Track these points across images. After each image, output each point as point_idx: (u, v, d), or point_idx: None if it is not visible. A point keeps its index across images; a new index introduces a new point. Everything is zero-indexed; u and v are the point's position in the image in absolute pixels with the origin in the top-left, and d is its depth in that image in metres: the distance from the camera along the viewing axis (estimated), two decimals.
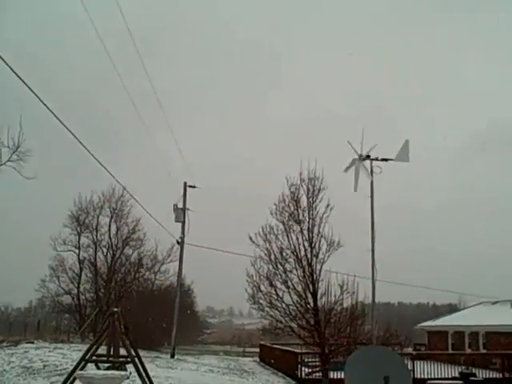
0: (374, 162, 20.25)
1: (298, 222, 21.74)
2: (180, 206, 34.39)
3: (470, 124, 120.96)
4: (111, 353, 15.37)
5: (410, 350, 32.19)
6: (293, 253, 21.69)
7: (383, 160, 19.37)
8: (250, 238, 22.10)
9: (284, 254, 21.72)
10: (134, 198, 34.03)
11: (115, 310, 15.52)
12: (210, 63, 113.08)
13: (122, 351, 15.61)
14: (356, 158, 19.54)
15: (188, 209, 34.45)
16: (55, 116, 14.34)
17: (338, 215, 21.37)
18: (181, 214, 33.96)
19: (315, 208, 21.69)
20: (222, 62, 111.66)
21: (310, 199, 21.74)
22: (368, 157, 19.40)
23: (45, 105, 13.68)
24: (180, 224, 34.30)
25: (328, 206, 21.55)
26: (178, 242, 34.63)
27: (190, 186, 34.87)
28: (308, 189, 21.74)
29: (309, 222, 21.65)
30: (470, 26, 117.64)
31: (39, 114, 14.91)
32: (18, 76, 12.42)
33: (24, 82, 12.64)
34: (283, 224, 21.88)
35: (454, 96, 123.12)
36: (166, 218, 33.96)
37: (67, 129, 15.07)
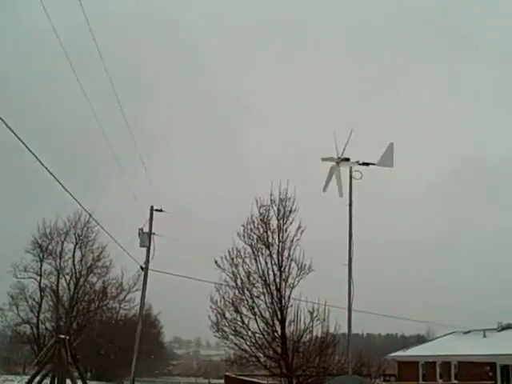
0: (354, 167, 17.12)
1: (267, 245, 20.79)
2: (146, 230, 33.04)
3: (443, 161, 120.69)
4: None
5: (379, 381, 31.16)
6: (261, 277, 20.69)
7: (364, 164, 16.75)
8: (216, 262, 21.06)
9: (251, 278, 20.72)
10: (99, 223, 32.54)
11: (61, 337, 14.25)
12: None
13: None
14: (334, 164, 16.71)
15: (154, 233, 33.09)
16: (20, 140, 12.99)
17: (310, 239, 20.44)
18: (146, 238, 32.46)
19: (286, 230, 20.81)
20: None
21: (281, 221, 20.85)
22: (347, 160, 16.70)
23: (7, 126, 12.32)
24: (145, 250, 32.92)
25: (299, 228, 20.67)
26: (141, 268, 33.09)
27: (157, 210, 33.47)
28: (279, 210, 20.86)
29: (278, 245, 20.73)
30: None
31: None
32: None
33: None
34: (251, 247, 20.91)
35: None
36: (130, 243, 32.55)
37: (31, 152, 13.80)
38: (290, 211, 20.86)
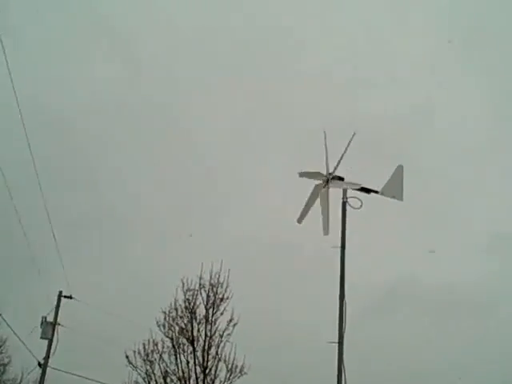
0: (350, 192, 12.12)
1: (191, 340, 16.98)
2: (50, 319, 28.43)
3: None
4: None
5: None
6: (180, 380, 16.71)
7: (364, 191, 12.01)
8: (127, 357, 17.01)
9: (168, 380, 16.69)
10: None
11: None
12: None
13: None
14: (319, 182, 11.94)
15: (59, 324, 28.44)
16: None
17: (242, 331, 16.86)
18: (49, 329, 27.86)
19: (215, 322, 17.12)
20: None
21: (210, 311, 17.21)
22: (340, 179, 12.03)
23: None
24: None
25: (231, 320, 17.06)
26: (39, 365, 28.06)
27: (66, 297, 29.10)
28: (208, 297, 17.27)
29: (205, 340, 16.95)
30: None
31: None
32: None
33: None
34: (172, 341, 17.01)
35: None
36: (31, 334, 27.75)
37: None
38: (222, 299, 17.35)
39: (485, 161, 35.08)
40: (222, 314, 17.18)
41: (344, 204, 11.72)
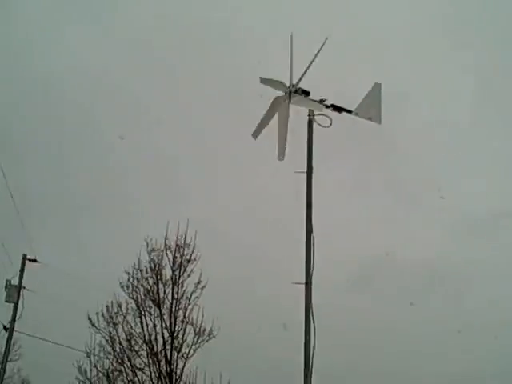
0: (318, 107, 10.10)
1: (158, 303, 16.32)
2: (15, 282, 27.70)
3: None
4: None
5: None
6: (147, 344, 16.09)
7: (334, 108, 9.94)
8: (90, 320, 16.36)
9: (133, 343, 16.07)
10: None
11: None
12: None
13: None
14: (281, 94, 9.86)
15: (24, 287, 27.71)
16: None
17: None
18: (14, 292, 27.13)
19: (182, 284, 16.46)
20: None
21: (176, 272, 16.51)
22: (306, 93, 9.87)
23: None
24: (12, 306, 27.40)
25: (199, 283, 16.39)
26: (5, 328, 27.42)
27: (31, 260, 28.32)
28: (174, 258, 16.55)
29: (172, 303, 16.30)
30: None
31: None
32: None
33: None
34: (136, 302, 16.35)
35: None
36: None
37: None
38: (189, 260, 16.62)
39: (470, 140, 33.90)
40: (189, 275, 16.49)
41: (310, 122, 9.98)
